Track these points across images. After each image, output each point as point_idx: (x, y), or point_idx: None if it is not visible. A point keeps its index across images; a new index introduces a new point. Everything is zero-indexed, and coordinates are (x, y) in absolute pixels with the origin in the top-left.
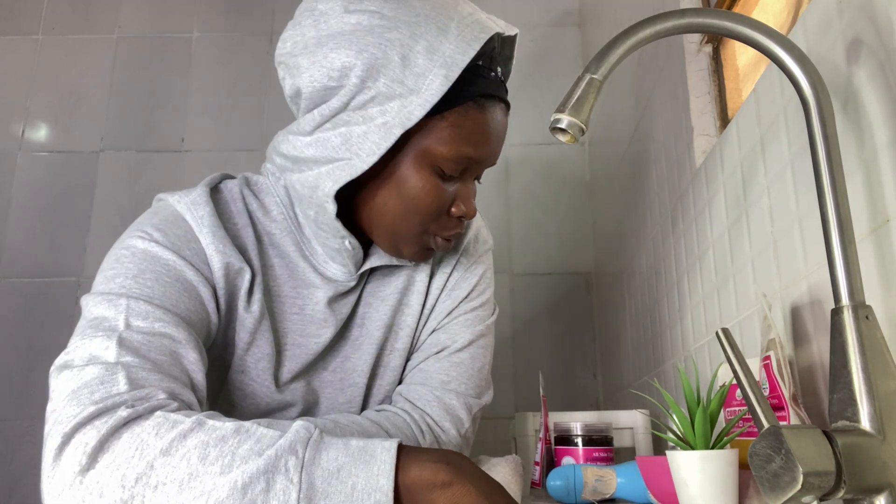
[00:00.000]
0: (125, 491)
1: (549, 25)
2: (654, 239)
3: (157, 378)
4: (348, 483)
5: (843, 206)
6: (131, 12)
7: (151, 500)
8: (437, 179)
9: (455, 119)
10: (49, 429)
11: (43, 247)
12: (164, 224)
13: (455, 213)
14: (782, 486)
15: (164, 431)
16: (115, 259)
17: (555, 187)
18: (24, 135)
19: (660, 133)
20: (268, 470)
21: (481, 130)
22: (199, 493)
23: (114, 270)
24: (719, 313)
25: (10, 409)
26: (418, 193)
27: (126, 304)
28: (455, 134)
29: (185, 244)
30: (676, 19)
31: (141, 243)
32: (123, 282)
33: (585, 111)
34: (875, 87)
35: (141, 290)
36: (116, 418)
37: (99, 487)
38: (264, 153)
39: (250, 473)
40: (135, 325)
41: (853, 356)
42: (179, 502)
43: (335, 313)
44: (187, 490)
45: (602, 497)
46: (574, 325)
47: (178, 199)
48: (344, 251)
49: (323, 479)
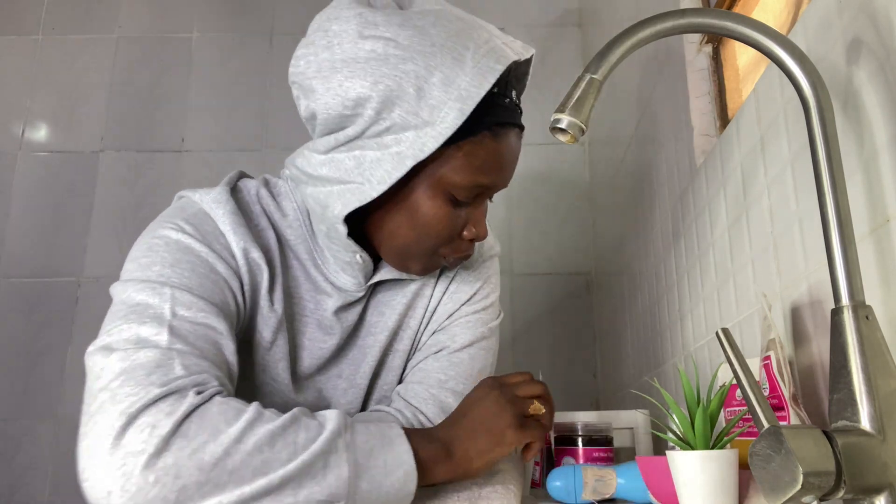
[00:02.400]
0: (202, 474)
1: (549, 25)
2: (654, 239)
3: (208, 366)
4: (380, 459)
5: (843, 206)
6: (131, 12)
7: (227, 484)
8: (449, 206)
9: (470, 149)
10: (98, 406)
11: (43, 247)
12: (192, 218)
13: (467, 236)
14: (782, 486)
15: (232, 418)
16: (147, 247)
17: (555, 187)
18: (24, 135)
19: (660, 133)
20: (323, 452)
21: (496, 159)
22: (271, 477)
23: (148, 259)
24: (719, 313)
25: (10, 409)
26: (430, 221)
27: (171, 293)
28: (469, 163)
29: (214, 238)
30: (676, 19)
31: (174, 234)
32: (161, 270)
33: (585, 111)
34: (875, 87)
35: (180, 279)
36: (187, 403)
37: (175, 469)
38: (264, 153)
39: (312, 456)
40: (180, 314)
41: (853, 356)
42: (253, 486)
43: (341, 322)
44: (260, 475)
45: (602, 497)
46: (574, 325)
47: (201, 197)
48: (355, 264)
49: (363, 456)
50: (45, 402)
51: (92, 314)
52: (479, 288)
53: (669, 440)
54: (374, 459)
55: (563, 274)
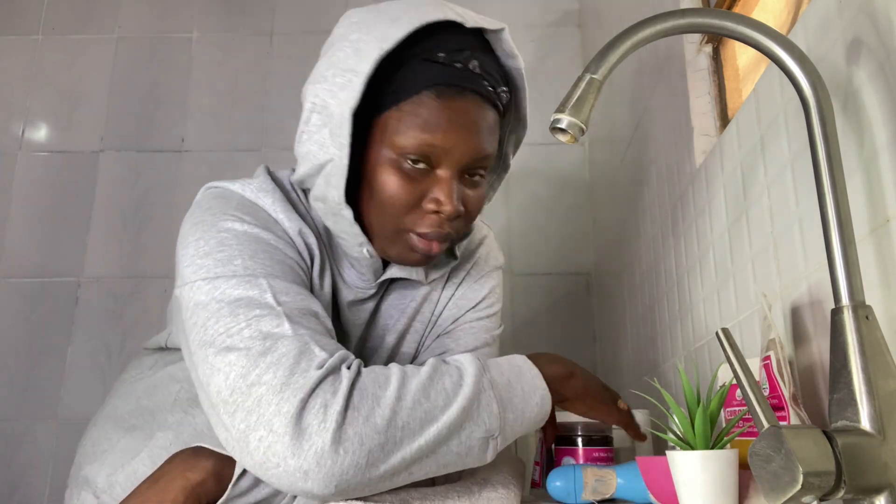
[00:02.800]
0: (381, 436)
1: (549, 25)
2: (654, 239)
3: (334, 344)
4: (518, 389)
5: (843, 206)
6: (131, 12)
7: (402, 438)
8: (403, 175)
9: (410, 108)
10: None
11: (43, 247)
12: (246, 208)
13: (430, 207)
14: (782, 486)
15: (384, 382)
16: (218, 242)
17: (555, 187)
18: (24, 135)
19: (660, 133)
20: (475, 394)
21: (441, 118)
22: (439, 424)
23: (224, 253)
24: (719, 313)
25: (10, 409)
26: (384, 188)
27: (267, 283)
28: (412, 122)
29: (273, 225)
30: (676, 19)
31: (239, 225)
32: (244, 263)
33: (585, 111)
34: (875, 87)
35: (266, 269)
36: (346, 378)
37: (358, 438)
38: (264, 153)
39: (467, 399)
40: (283, 301)
41: (853, 356)
42: (425, 435)
43: (352, 316)
44: (428, 423)
45: (602, 497)
46: (574, 325)
47: (243, 187)
48: (363, 260)
49: (504, 390)
50: (45, 402)
51: (92, 314)
52: (484, 296)
53: (669, 440)
54: (513, 390)
55: (563, 274)
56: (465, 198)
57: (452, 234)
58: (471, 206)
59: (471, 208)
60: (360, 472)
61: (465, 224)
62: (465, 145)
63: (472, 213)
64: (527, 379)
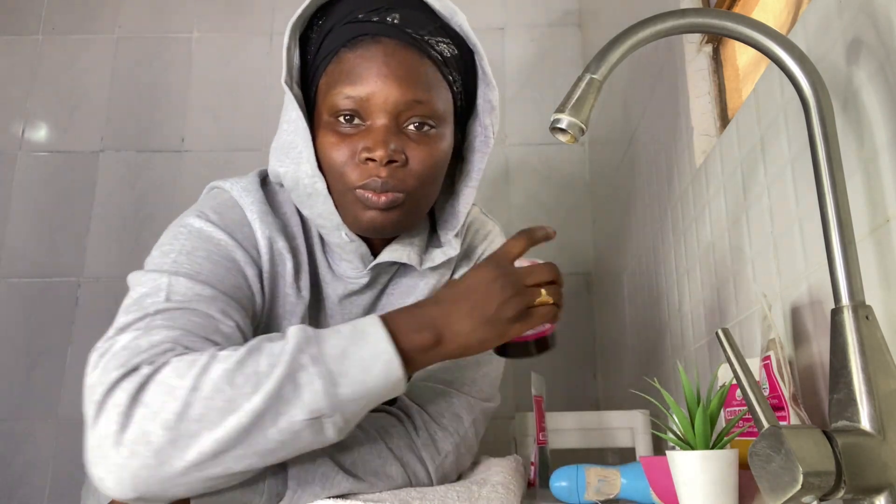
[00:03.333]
0: (171, 432)
1: (549, 25)
2: (654, 239)
3: (179, 335)
4: (355, 358)
5: (843, 206)
6: (131, 12)
7: (197, 431)
8: (338, 133)
9: (332, 68)
10: (84, 401)
11: (43, 247)
12: (220, 207)
13: (361, 156)
14: (782, 486)
15: (184, 370)
16: (172, 235)
17: (555, 187)
18: (24, 135)
19: (660, 133)
20: (290, 374)
21: (358, 67)
22: (240, 413)
23: (170, 246)
24: (719, 313)
25: (10, 409)
26: (326, 152)
27: (168, 281)
28: (334, 81)
29: (237, 227)
30: (676, 19)
31: (197, 222)
32: (176, 257)
33: (585, 111)
34: (875, 87)
35: (190, 265)
36: (142, 373)
37: (144, 436)
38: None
39: (277, 381)
40: (174, 299)
41: (853, 356)
42: (225, 426)
43: (344, 311)
44: (229, 413)
45: (606, 497)
46: (574, 325)
47: (232, 185)
48: (346, 245)
49: (334, 362)
50: (45, 402)
51: (92, 314)
52: None
53: (669, 440)
54: (348, 361)
55: (564, 274)
56: (408, 149)
57: (399, 185)
58: (416, 159)
59: (417, 163)
60: (154, 472)
61: (415, 180)
62: (387, 90)
63: (422, 169)
64: (370, 345)
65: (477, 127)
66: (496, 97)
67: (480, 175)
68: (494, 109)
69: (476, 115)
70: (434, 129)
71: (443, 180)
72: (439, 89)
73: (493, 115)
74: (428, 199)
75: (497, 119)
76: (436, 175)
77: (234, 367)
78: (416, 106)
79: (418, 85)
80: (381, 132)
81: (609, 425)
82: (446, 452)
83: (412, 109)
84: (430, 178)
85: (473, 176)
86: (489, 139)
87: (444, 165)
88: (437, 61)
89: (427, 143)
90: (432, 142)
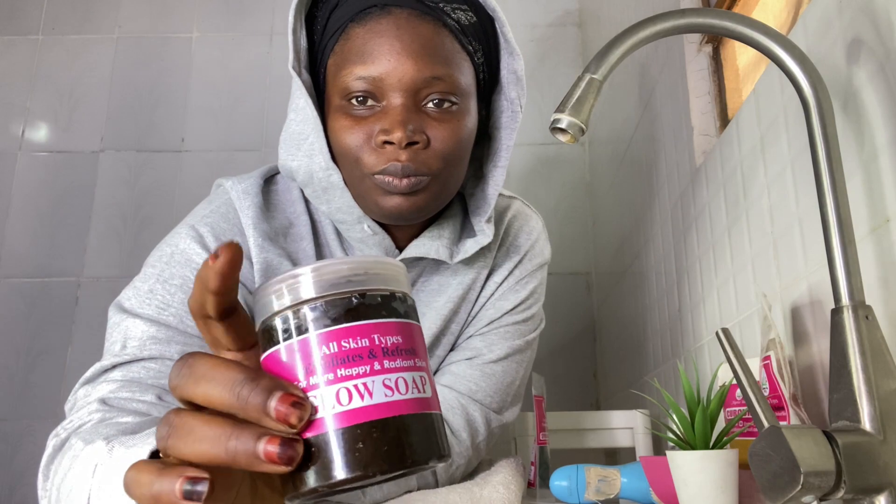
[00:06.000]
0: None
1: (549, 25)
2: (653, 239)
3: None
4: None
5: (843, 206)
6: (131, 12)
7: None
8: (351, 117)
9: (340, 48)
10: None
11: (43, 247)
12: (214, 216)
13: (378, 140)
14: (782, 486)
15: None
16: (158, 256)
17: (555, 187)
18: (24, 135)
19: (660, 133)
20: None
21: (369, 43)
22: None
23: (152, 269)
24: (719, 313)
25: (10, 409)
26: (339, 138)
27: (126, 326)
28: (345, 60)
29: (227, 239)
30: (676, 19)
31: (184, 242)
32: (152, 286)
33: (585, 111)
34: (875, 87)
35: (160, 299)
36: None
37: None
38: (264, 153)
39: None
40: (130, 346)
41: (853, 356)
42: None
43: None
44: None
45: (606, 497)
46: (574, 325)
47: (233, 186)
48: (368, 239)
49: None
50: (45, 402)
51: (92, 314)
52: (524, 298)
53: (669, 440)
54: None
55: (563, 274)
56: (429, 129)
57: (422, 168)
58: (438, 139)
59: (439, 143)
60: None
61: (439, 161)
62: (402, 68)
63: (446, 149)
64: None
65: (503, 101)
66: (521, 67)
67: (510, 154)
68: (520, 80)
69: (500, 88)
70: (456, 106)
71: (468, 161)
72: (459, 61)
73: (520, 86)
74: (455, 181)
75: (524, 91)
76: (461, 155)
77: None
78: (434, 82)
79: (436, 58)
80: (397, 112)
81: (609, 425)
82: (458, 465)
83: (431, 86)
84: (456, 158)
85: (502, 155)
86: (517, 114)
87: (470, 144)
88: (455, 30)
89: (449, 121)
90: (455, 119)
